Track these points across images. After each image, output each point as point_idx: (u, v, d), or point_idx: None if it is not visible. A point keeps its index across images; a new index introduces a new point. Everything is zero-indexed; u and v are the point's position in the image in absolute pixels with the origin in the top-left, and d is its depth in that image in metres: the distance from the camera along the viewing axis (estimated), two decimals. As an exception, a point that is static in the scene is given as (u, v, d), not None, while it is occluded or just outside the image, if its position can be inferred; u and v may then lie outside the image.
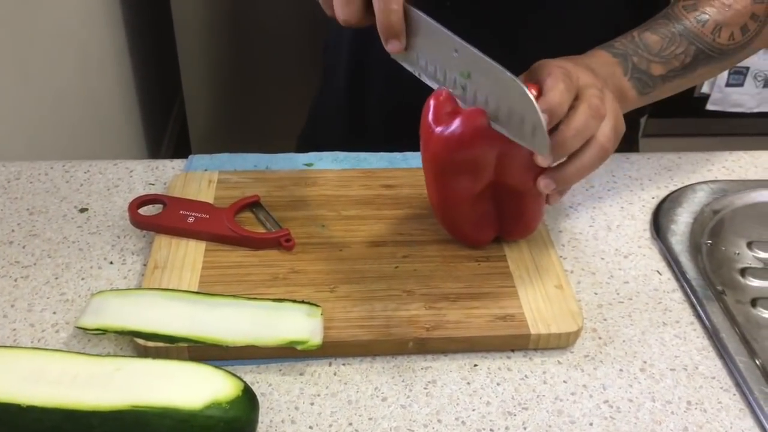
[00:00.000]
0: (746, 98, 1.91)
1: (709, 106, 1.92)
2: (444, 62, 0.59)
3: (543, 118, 0.53)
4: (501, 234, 0.67)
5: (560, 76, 0.56)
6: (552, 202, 0.63)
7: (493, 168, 0.59)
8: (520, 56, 0.85)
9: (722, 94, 1.90)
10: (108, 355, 0.57)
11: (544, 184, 0.58)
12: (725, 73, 1.85)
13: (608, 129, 0.58)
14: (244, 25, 1.74)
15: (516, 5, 0.81)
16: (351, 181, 0.75)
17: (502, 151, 0.57)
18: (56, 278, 0.65)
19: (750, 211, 0.72)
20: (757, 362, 0.58)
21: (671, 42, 0.68)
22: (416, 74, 0.61)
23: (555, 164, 0.57)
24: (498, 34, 0.82)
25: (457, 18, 0.81)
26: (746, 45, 0.71)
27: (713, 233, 0.71)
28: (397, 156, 0.80)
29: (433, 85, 0.61)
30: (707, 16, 0.69)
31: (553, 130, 0.55)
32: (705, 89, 1.90)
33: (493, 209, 0.63)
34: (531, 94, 0.53)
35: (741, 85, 1.89)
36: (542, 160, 0.56)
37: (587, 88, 0.58)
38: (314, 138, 1.00)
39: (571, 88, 0.57)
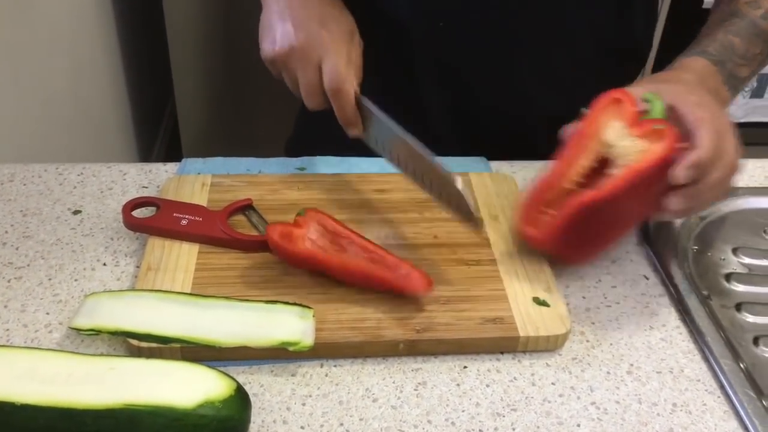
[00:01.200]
0: (733, 108, 1.93)
1: (698, 116, 1.94)
2: (395, 148, 0.68)
3: (471, 203, 0.62)
4: (567, 255, 0.66)
5: (711, 129, 0.58)
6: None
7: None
8: (513, 72, 0.86)
9: (710, 104, 1.92)
10: (101, 355, 0.58)
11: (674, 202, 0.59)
12: (713, 83, 1.87)
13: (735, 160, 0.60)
14: (236, 29, 1.75)
15: (507, 24, 0.82)
16: (343, 186, 0.75)
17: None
18: (49, 279, 0.65)
19: (736, 217, 0.73)
20: (742, 365, 0.59)
21: (750, 43, 0.69)
22: (379, 154, 0.69)
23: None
24: (490, 51, 0.83)
25: (451, 37, 0.83)
26: None
27: (700, 239, 0.72)
28: (389, 161, 0.80)
29: (394, 166, 0.69)
30: None
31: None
32: (693, 99, 1.92)
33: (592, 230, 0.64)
34: (460, 184, 0.62)
35: (728, 94, 1.91)
36: (682, 175, 0.58)
37: (727, 138, 0.59)
38: (302, 143, 1.00)
39: (718, 144, 0.58)
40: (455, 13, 0.81)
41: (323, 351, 0.59)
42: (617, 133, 0.61)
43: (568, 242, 0.64)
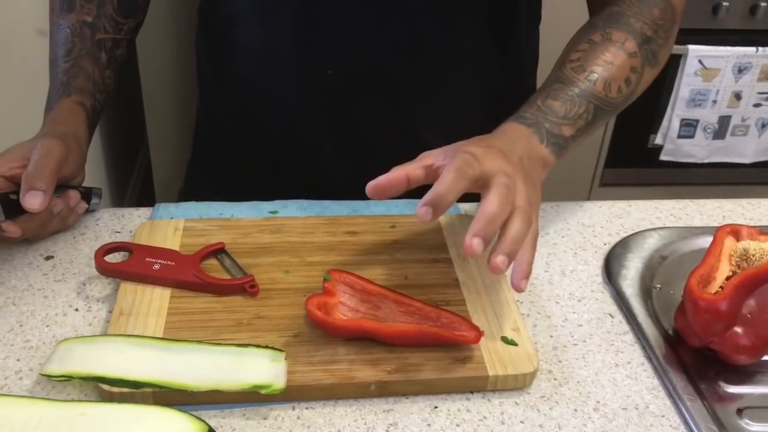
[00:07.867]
0: (697, 149, 1.99)
1: (663, 157, 1.99)
2: None
3: None
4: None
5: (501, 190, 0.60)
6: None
7: None
8: (404, 118, 0.88)
9: (674, 146, 1.97)
10: (73, 400, 0.58)
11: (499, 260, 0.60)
12: (677, 125, 1.92)
13: (524, 201, 0.62)
14: (210, 76, 1.77)
15: (396, 72, 0.84)
16: (315, 228, 0.77)
17: None
18: (20, 326, 0.65)
19: (696, 256, 0.75)
20: (704, 401, 0.61)
21: (572, 104, 0.72)
22: None
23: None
24: (380, 98, 0.86)
25: (340, 85, 0.85)
26: (630, 95, 0.77)
27: (662, 278, 0.74)
28: (360, 204, 0.82)
29: None
30: (596, 75, 0.74)
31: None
32: (658, 140, 1.97)
33: None
34: None
35: (692, 136, 1.96)
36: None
37: (497, 175, 0.61)
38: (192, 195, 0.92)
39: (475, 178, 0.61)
40: (344, 61, 0.83)
41: (295, 393, 0.59)
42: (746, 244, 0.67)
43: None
